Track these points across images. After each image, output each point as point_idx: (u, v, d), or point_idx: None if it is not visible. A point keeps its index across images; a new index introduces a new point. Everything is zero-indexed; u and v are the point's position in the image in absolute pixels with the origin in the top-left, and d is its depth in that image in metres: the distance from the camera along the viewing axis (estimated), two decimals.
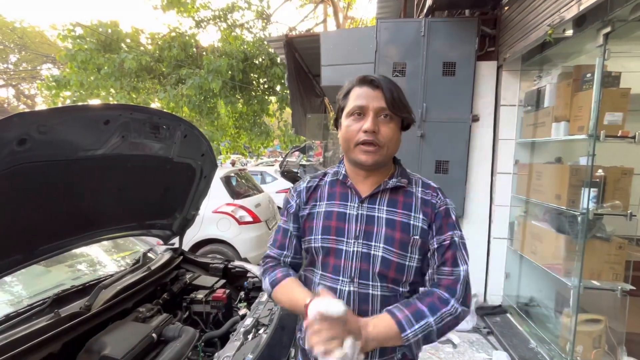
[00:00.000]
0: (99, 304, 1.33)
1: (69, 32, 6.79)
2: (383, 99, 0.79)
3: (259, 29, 8.86)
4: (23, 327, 1.12)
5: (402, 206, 0.83)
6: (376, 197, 0.85)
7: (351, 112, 0.81)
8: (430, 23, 2.91)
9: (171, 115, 1.42)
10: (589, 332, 2.12)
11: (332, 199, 0.89)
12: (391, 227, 0.81)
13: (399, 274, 0.80)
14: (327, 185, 0.92)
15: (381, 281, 0.80)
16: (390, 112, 0.79)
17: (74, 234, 1.36)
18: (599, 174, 2.01)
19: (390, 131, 0.80)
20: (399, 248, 0.80)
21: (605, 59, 1.91)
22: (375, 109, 0.79)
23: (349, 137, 0.82)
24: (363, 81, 0.82)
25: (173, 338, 1.34)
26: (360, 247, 0.82)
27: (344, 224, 0.84)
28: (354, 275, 0.81)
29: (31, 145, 0.91)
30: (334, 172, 0.93)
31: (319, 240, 0.86)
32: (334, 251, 0.84)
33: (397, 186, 0.85)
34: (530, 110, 2.79)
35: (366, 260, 0.81)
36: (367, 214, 0.83)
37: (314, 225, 0.88)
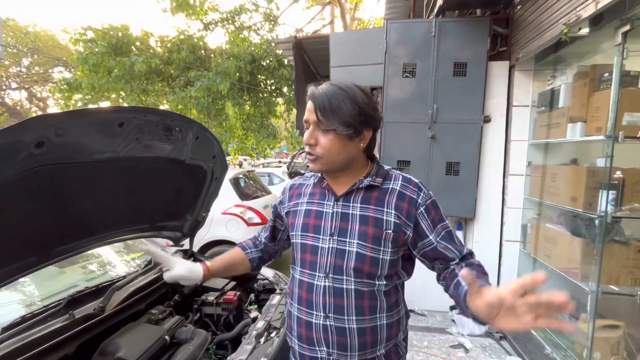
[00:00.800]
0: (113, 306, 1.33)
1: (81, 35, 6.91)
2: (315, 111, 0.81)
3: (266, 30, 8.91)
4: (39, 329, 1.12)
5: (375, 202, 0.86)
6: (350, 195, 0.89)
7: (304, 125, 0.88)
8: (440, 23, 2.88)
9: (183, 117, 1.42)
10: (606, 338, 2.06)
11: (312, 198, 0.94)
12: (364, 223, 0.85)
13: (373, 268, 0.84)
14: (311, 186, 0.98)
15: (356, 276, 0.84)
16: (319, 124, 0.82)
17: (87, 236, 1.36)
18: (618, 175, 1.96)
19: (327, 142, 0.82)
20: (372, 243, 0.83)
21: (624, 58, 1.86)
22: (314, 121, 0.82)
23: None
24: (309, 94, 0.85)
25: (186, 340, 1.33)
26: (335, 243, 0.86)
27: (320, 222, 0.89)
28: (328, 270, 0.85)
29: (48, 148, 0.91)
30: (313, 175, 0.99)
31: (299, 236, 0.92)
32: (310, 248, 0.89)
33: (371, 185, 0.87)
34: (543, 110, 2.74)
35: (340, 256, 0.85)
36: (341, 211, 0.87)
37: (295, 223, 0.94)
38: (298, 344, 0.92)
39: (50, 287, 1.54)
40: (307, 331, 0.88)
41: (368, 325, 0.85)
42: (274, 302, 1.65)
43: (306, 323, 0.89)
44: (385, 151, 3.04)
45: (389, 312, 0.89)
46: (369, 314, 0.85)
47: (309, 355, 0.89)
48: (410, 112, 2.97)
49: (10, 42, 14.81)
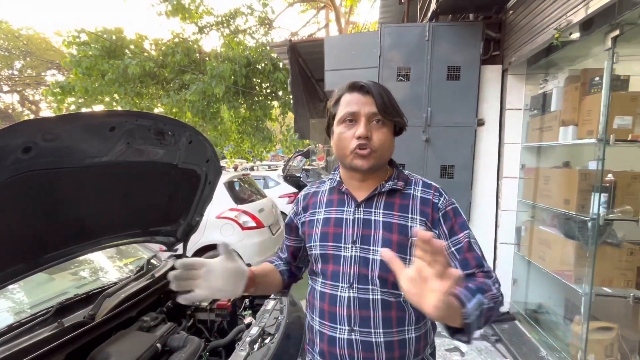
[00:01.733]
0: (103, 313, 1.31)
1: (74, 38, 6.86)
2: (374, 104, 0.79)
3: (261, 34, 8.92)
4: (26, 338, 1.10)
5: (398, 208, 0.82)
6: (372, 200, 0.84)
7: (343, 119, 0.81)
8: (434, 27, 2.91)
9: (176, 121, 1.40)
10: (600, 340, 2.07)
11: (330, 205, 0.89)
12: (388, 230, 0.80)
13: None
14: (327, 192, 0.93)
15: (381, 285, 0.79)
16: (382, 117, 0.79)
17: (78, 242, 1.34)
18: (609, 178, 1.98)
19: (383, 136, 0.80)
20: (397, 250, 0.78)
21: (614, 62, 1.89)
22: (367, 114, 0.79)
23: (343, 145, 0.81)
24: (353, 87, 0.82)
25: (178, 348, 1.31)
26: (358, 251, 0.81)
27: (341, 229, 0.84)
28: (352, 280, 0.80)
29: (36, 153, 0.90)
30: (330, 179, 0.94)
31: (318, 247, 0.86)
32: (332, 257, 0.84)
33: (393, 189, 0.84)
34: (536, 114, 2.77)
35: (364, 264, 0.80)
36: (363, 217, 0.83)
37: (313, 233, 0.88)
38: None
39: (39, 294, 1.51)
40: (329, 347, 0.82)
41: (396, 338, 0.79)
42: (268, 307, 1.63)
43: (329, 338, 0.82)
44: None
45: (417, 324, 0.82)
46: (396, 326, 0.79)
47: None
48: (405, 116, 2.98)
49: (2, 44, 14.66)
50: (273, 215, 4.49)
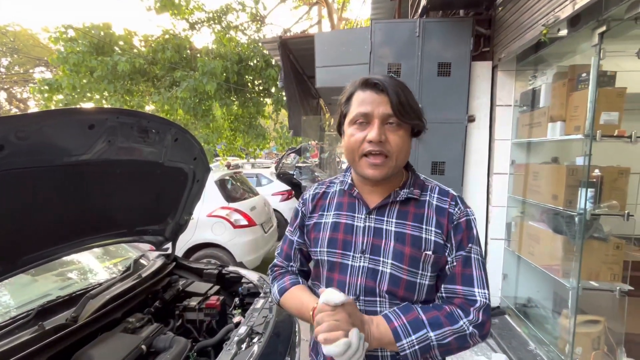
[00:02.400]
0: (86, 315, 1.28)
1: (61, 34, 6.72)
2: (389, 104, 0.70)
3: (253, 31, 8.83)
4: (5, 342, 1.07)
5: (412, 218, 0.76)
6: (385, 208, 0.78)
7: (354, 120, 0.74)
8: (424, 23, 2.90)
9: (160, 119, 1.38)
10: (588, 334, 2.10)
11: (339, 209, 0.83)
12: (400, 242, 0.74)
13: (409, 293, 0.74)
14: (336, 194, 0.86)
15: (390, 299, 0.74)
16: (398, 119, 0.71)
17: (60, 242, 1.31)
18: (596, 174, 2.00)
19: (399, 139, 0.72)
20: (409, 264, 0.73)
21: (601, 59, 1.90)
22: (381, 115, 0.71)
23: (353, 148, 0.74)
24: (366, 84, 0.74)
25: (164, 349, 1.29)
26: (367, 262, 0.75)
27: (351, 237, 0.78)
28: (359, 292, 0.75)
29: (10, 152, 0.87)
30: (341, 181, 0.87)
31: (325, 253, 0.81)
32: (339, 266, 0.79)
33: (408, 198, 0.78)
34: (525, 110, 2.78)
35: (372, 277, 0.75)
36: (375, 226, 0.77)
37: (319, 237, 0.83)
38: None
39: (21, 296, 1.47)
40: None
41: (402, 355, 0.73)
42: (257, 306, 1.62)
43: None
44: None
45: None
46: None
47: None
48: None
49: None
50: (265, 213, 4.46)
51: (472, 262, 0.73)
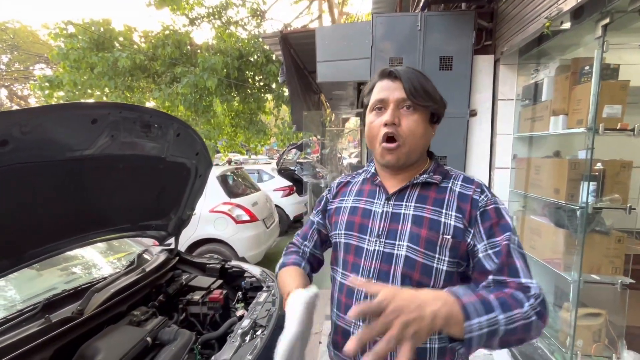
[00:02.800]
0: (92, 308, 1.30)
1: (61, 30, 6.70)
2: (403, 89, 0.74)
3: (253, 26, 8.79)
4: (12, 334, 1.08)
5: (432, 202, 0.76)
6: (404, 193, 0.79)
7: (373, 107, 0.79)
8: (426, 17, 2.88)
9: (163, 114, 1.38)
10: (589, 326, 2.11)
11: (360, 195, 0.86)
12: (417, 224, 0.74)
13: (425, 277, 0.72)
14: (359, 182, 0.90)
15: (404, 284, 0.72)
16: (412, 103, 0.74)
17: (64, 237, 1.32)
18: (598, 167, 2.00)
19: (413, 123, 0.74)
20: (425, 247, 0.72)
21: (604, 51, 1.89)
22: (396, 100, 0.75)
23: (372, 134, 0.78)
24: (383, 74, 0.79)
25: (169, 341, 1.31)
26: (382, 246, 0.76)
27: (367, 221, 0.80)
28: (372, 276, 0.76)
29: (14, 147, 0.87)
30: (365, 170, 0.91)
31: (342, 235, 0.83)
32: (355, 249, 0.80)
33: (428, 182, 0.78)
34: (527, 104, 2.77)
35: (387, 260, 0.75)
36: (392, 211, 0.78)
37: (339, 220, 0.86)
38: (334, 352, 0.84)
39: (27, 290, 1.49)
40: (343, 340, 0.78)
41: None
42: (260, 299, 1.63)
43: (343, 332, 0.79)
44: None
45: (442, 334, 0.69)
46: None
47: None
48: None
49: None
50: (267, 208, 4.48)
51: (513, 254, 0.69)
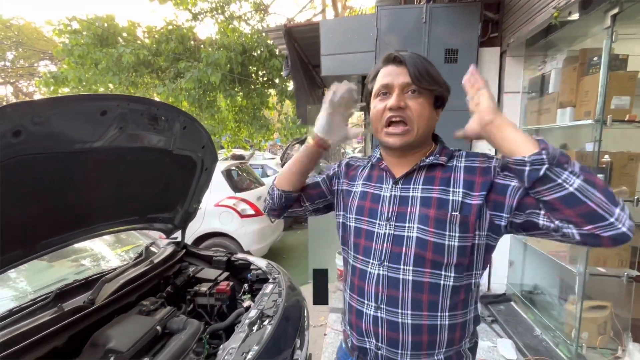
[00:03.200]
0: (103, 298, 1.32)
1: (65, 26, 6.71)
2: (408, 73, 0.75)
3: (256, 20, 8.74)
4: (27, 322, 1.11)
5: (439, 182, 0.77)
6: (411, 176, 0.80)
7: (377, 93, 0.80)
8: (431, 9, 2.85)
9: (170, 106, 1.39)
10: (594, 319, 2.12)
11: (369, 180, 0.88)
12: (426, 205, 0.75)
13: (438, 255, 0.73)
14: (368, 168, 0.92)
15: (416, 265, 0.74)
16: (417, 87, 0.75)
17: (74, 228, 1.35)
18: (606, 159, 1.98)
19: (419, 106, 0.76)
20: (435, 226, 0.73)
21: (613, 42, 1.86)
22: (401, 84, 0.76)
23: (377, 118, 0.80)
24: (387, 60, 0.80)
25: (178, 330, 1.33)
26: (392, 229, 0.78)
27: (377, 205, 0.82)
28: (383, 258, 0.78)
29: (26, 137, 0.89)
30: (370, 156, 0.93)
31: (353, 219, 0.85)
32: (365, 232, 0.82)
33: (434, 163, 0.79)
34: (534, 96, 2.75)
35: (398, 242, 0.76)
36: (400, 195, 0.79)
37: (349, 203, 0.88)
38: (350, 331, 0.88)
39: (38, 281, 1.52)
40: (357, 320, 0.83)
41: (425, 322, 0.75)
42: (266, 291, 1.65)
43: (357, 312, 0.83)
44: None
45: (453, 311, 0.75)
46: (427, 310, 0.74)
47: (358, 345, 0.84)
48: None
49: None
50: None
51: None
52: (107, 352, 1.12)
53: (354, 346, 0.86)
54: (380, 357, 0.79)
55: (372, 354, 0.81)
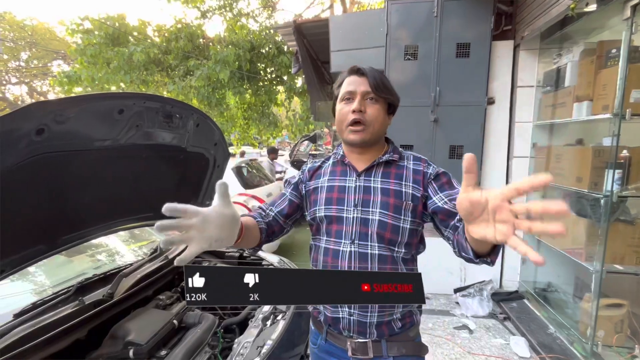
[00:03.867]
0: (121, 292, 1.36)
1: (78, 26, 6.83)
2: (368, 84, 0.91)
3: (264, 17, 8.74)
4: (50, 315, 1.15)
5: (394, 177, 0.94)
6: (371, 170, 0.96)
7: (342, 98, 0.94)
8: (443, 3, 2.81)
9: (183, 104, 1.40)
10: (610, 317, 2.08)
11: (333, 175, 1.00)
12: (386, 195, 0.92)
13: (394, 234, 0.91)
14: (330, 165, 1.04)
15: (378, 241, 0.90)
16: (375, 95, 0.91)
17: (93, 224, 1.38)
18: (624, 154, 1.93)
19: (375, 111, 0.91)
20: (394, 211, 0.90)
21: (633, 33, 1.81)
22: (362, 92, 0.91)
23: (341, 119, 0.94)
24: (352, 71, 0.95)
25: (193, 324, 1.36)
26: (360, 213, 0.92)
27: (344, 195, 0.95)
28: (354, 237, 0.92)
29: (49, 135, 0.91)
30: (334, 154, 1.05)
31: (323, 210, 0.96)
32: (336, 219, 0.94)
33: (389, 160, 0.96)
34: (549, 90, 2.69)
35: (365, 224, 0.92)
36: (364, 185, 0.94)
37: (317, 198, 0.99)
38: (321, 306, 0.98)
39: (59, 275, 1.57)
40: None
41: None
42: None
43: None
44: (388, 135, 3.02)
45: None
46: None
47: (331, 316, 0.96)
48: (413, 95, 2.93)
49: (7, 35, 14.68)
50: None
51: None
52: (126, 344, 1.15)
53: (326, 319, 0.97)
54: (351, 322, 0.92)
55: (344, 321, 0.93)
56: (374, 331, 0.92)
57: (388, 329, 0.93)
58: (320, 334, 1.01)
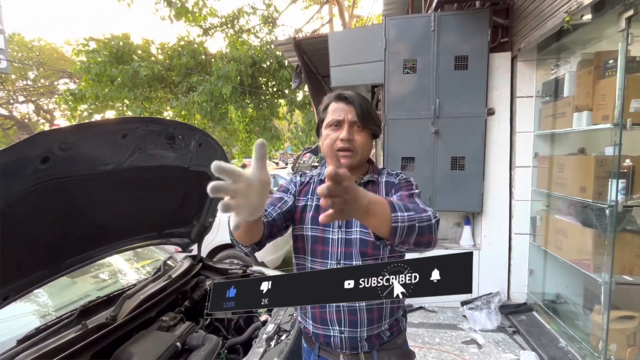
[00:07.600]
0: (124, 314, 1.35)
1: (83, 46, 7.01)
2: (355, 113, 0.94)
3: (265, 33, 8.92)
4: (53, 340, 1.14)
5: None
6: None
7: (330, 124, 0.96)
8: (440, 17, 2.86)
9: (185, 125, 1.43)
10: (622, 330, 2.03)
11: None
12: None
13: (376, 250, 0.94)
14: (316, 183, 1.06)
15: (362, 258, 0.94)
16: (362, 125, 0.95)
17: (97, 247, 1.38)
18: (627, 164, 1.93)
19: (363, 138, 0.96)
20: None
21: (629, 44, 1.82)
22: (350, 121, 0.94)
23: (330, 144, 0.95)
24: (339, 98, 0.97)
25: (197, 346, 1.35)
26: (343, 234, 0.96)
27: None
28: (339, 258, 0.95)
29: (53, 163, 0.93)
30: (318, 173, 1.08)
31: (310, 229, 0.99)
32: (322, 239, 0.97)
33: (369, 181, 1.00)
34: (548, 100, 2.70)
35: (348, 244, 0.95)
36: None
37: (305, 217, 1.01)
38: (312, 324, 0.99)
39: (63, 297, 1.56)
40: (321, 312, 0.96)
41: (375, 306, 0.95)
42: None
43: (320, 306, 0.96)
44: (389, 148, 3.03)
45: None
46: None
47: (323, 334, 0.97)
48: (413, 108, 2.95)
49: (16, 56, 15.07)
50: None
51: (414, 197, 0.90)
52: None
53: (317, 337, 0.99)
54: (343, 339, 0.95)
55: (335, 339, 0.95)
56: (365, 344, 0.95)
57: (378, 340, 0.97)
58: (312, 351, 1.03)
